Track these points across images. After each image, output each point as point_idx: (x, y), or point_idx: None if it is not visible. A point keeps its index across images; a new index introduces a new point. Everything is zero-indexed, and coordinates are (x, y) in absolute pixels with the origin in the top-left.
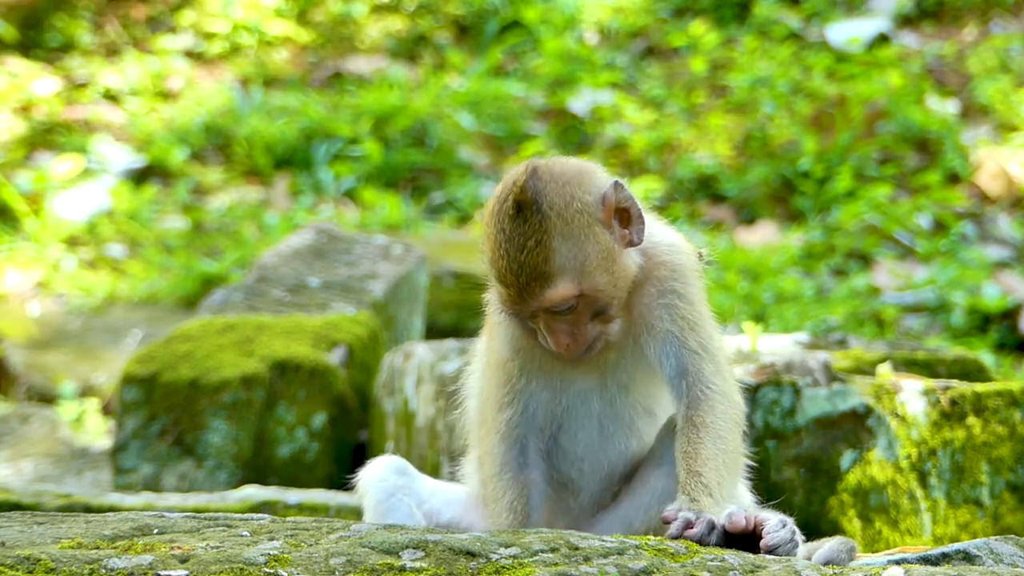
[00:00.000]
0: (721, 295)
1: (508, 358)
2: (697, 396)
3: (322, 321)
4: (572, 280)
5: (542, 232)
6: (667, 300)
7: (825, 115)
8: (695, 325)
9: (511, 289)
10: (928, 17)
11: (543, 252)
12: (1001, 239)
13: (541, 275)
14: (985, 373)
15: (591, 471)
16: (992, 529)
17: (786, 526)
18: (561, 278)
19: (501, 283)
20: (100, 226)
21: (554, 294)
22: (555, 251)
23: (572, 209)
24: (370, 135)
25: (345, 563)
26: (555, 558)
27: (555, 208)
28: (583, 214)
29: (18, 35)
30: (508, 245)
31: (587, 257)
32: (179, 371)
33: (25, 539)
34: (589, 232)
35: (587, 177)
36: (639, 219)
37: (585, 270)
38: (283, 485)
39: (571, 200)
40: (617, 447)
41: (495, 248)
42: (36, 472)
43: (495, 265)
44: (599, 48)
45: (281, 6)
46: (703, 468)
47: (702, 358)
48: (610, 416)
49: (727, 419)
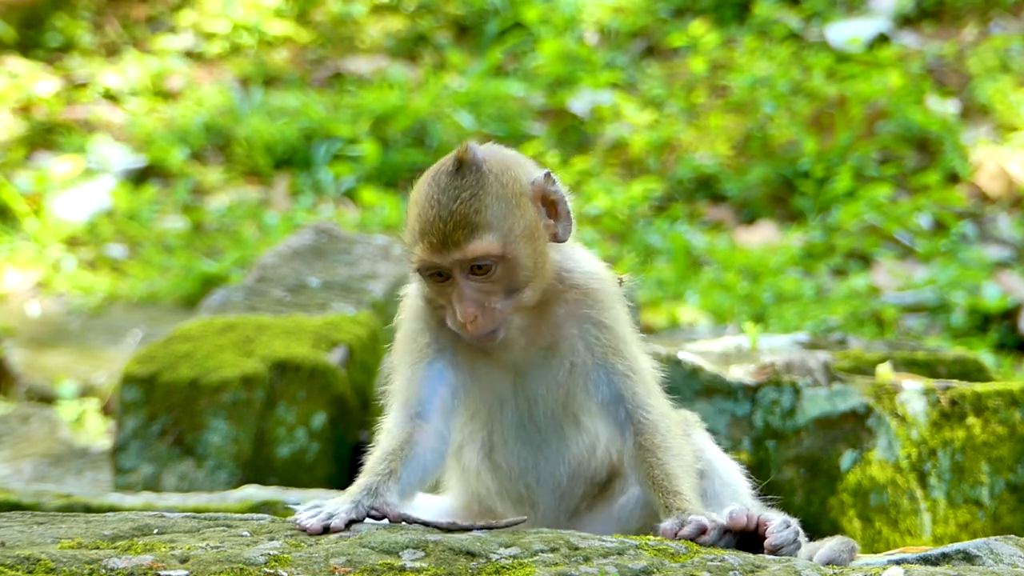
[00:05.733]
0: (721, 295)
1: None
2: (641, 421)
3: (322, 321)
4: (498, 238)
5: (478, 187)
6: (585, 328)
7: (825, 115)
8: (618, 350)
9: (435, 238)
10: (928, 17)
11: (476, 204)
12: (1001, 239)
13: (470, 224)
14: (985, 373)
15: (537, 484)
16: (992, 529)
17: (790, 526)
18: (488, 231)
19: (425, 234)
20: (100, 226)
21: (478, 245)
22: (487, 206)
23: (509, 176)
24: (369, 135)
25: (345, 563)
26: (555, 558)
27: (494, 171)
28: (518, 184)
29: (18, 35)
30: (441, 196)
31: (516, 222)
32: (179, 371)
33: (25, 539)
34: (521, 201)
35: (523, 161)
36: (566, 216)
37: (512, 233)
38: (283, 485)
39: (508, 170)
40: (552, 458)
41: (426, 201)
42: (36, 472)
43: (423, 217)
44: (599, 48)
45: (281, 6)
46: (679, 487)
47: (633, 381)
48: (532, 427)
49: (674, 436)
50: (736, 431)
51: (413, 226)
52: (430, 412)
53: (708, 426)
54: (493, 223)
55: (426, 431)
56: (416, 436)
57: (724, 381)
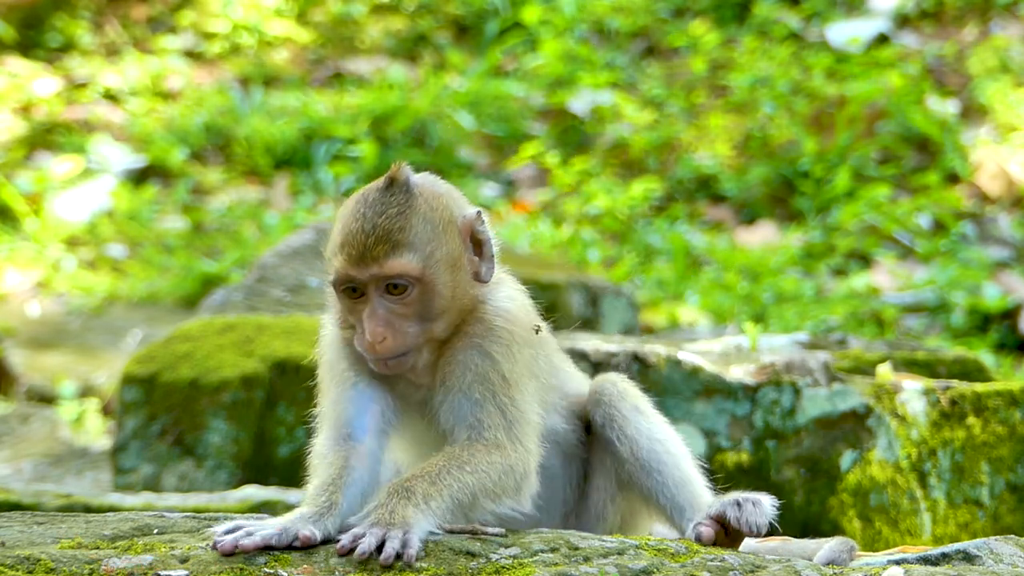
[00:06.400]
0: (721, 295)
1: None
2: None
3: None
4: (419, 259)
5: (406, 206)
6: (470, 355)
7: (825, 115)
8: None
9: (355, 251)
10: (928, 17)
11: (401, 222)
12: (1001, 239)
13: (392, 241)
14: (985, 373)
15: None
16: (992, 529)
17: (741, 507)
18: (409, 250)
19: (346, 246)
20: (100, 226)
21: (397, 263)
22: (412, 226)
23: (439, 203)
24: (368, 135)
25: (345, 563)
26: (555, 558)
27: (424, 195)
28: (448, 212)
29: (18, 35)
30: (368, 210)
31: (439, 248)
32: (179, 371)
33: (25, 539)
34: (448, 229)
35: (456, 196)
36: (490, 259)
37: (433, 257)
38: (283, 485)
39: (439, 197)
40: None
41: (352, 215)
42: (36, 472)
43: (345, 230)
44: (599, 48)
45: (281, 6)
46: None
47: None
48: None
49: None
50: (736, 431)
51: (335, 238)
52: (362, 432)
53: (708, 426)
54: (416, 243)
55: (360, 453)
56: (352, 460)
57: (724, 381)
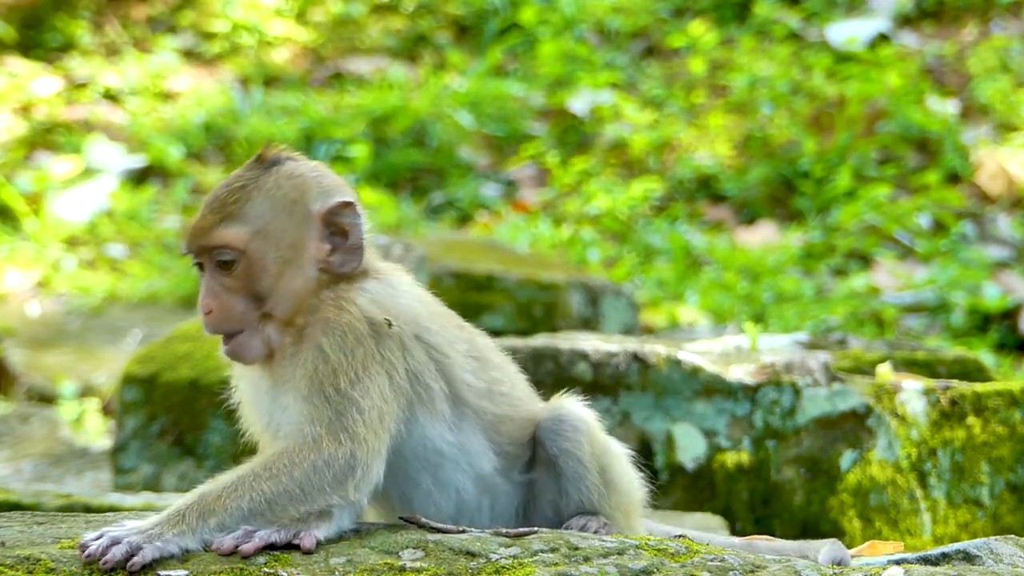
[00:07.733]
0: (721, 295)
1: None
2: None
3: None
4: (245, 232)
5: (254, 182)
6: (303, 348)
7: (825, 115)
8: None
9: (194, 222)
10: (928, 17)
11: (241, 195)
12: (1001, 239)
13: (225, 212)
14: (985, 373)
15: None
16: (992, 529)
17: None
18: (237, 223)
19: (193, 217)
20: (100, 226)
21: (221, 233)
22: (252, 201)
23: (294, 183)
24: (365, 135)
25: (345, 563)
26: (555, 558)
27: (283, 175)
28: (301, 194)
29: (18, 35)
30: (222, 184)
31: (275, 225)
32: (179, 371)
33: (25, 539)
34: (294, 210)
35: (330, 184)
36: (353, 251)
37: (262, 234)
38: None
39: (299, 178)
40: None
41: (214, 188)
42: (36, 472)
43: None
44: (599, 48)
45: (281, 6)
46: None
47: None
48: None
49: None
50: (736, 431)
51: None
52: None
53: (708, 426)
54: (246, 217)
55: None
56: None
57: (724, 381)
